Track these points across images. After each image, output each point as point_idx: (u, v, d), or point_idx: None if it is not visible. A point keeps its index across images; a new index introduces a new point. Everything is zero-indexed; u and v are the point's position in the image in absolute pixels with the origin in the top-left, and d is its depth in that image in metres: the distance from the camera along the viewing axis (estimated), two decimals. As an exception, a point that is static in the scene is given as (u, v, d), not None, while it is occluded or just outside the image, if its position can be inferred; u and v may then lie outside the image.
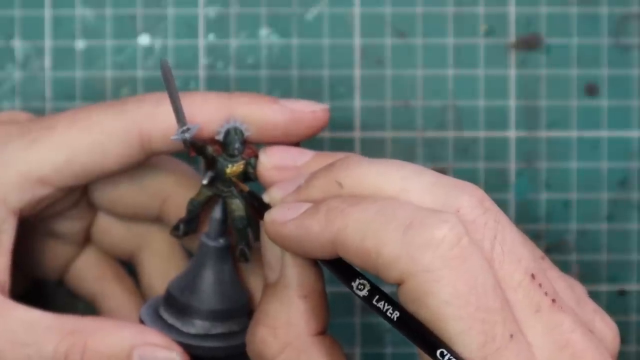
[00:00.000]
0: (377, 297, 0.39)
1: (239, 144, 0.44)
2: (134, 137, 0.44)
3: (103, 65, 0.54)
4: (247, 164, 0.44)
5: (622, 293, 0.54)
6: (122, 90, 0.53)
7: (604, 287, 0.54)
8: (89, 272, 0.51)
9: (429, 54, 0.54)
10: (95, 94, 0.53)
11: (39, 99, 0.54)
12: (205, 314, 0.45)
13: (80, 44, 0.54)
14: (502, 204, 0.54)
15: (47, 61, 0.53)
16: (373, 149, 0.54)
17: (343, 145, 0.54)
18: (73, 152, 0.44)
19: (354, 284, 0.39)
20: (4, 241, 0.44)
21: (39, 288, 0.54)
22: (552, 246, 0.54)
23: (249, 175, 0.45)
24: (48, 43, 0.53)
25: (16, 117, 0.49)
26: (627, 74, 0.54)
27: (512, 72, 0.54)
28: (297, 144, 0.45)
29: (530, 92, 0.54)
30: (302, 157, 0.44)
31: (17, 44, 0.53)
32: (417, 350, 0.38)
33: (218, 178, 0.45)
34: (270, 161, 0.44)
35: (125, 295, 0.51)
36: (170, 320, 0.45)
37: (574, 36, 0.54)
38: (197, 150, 0.44)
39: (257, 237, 0.45)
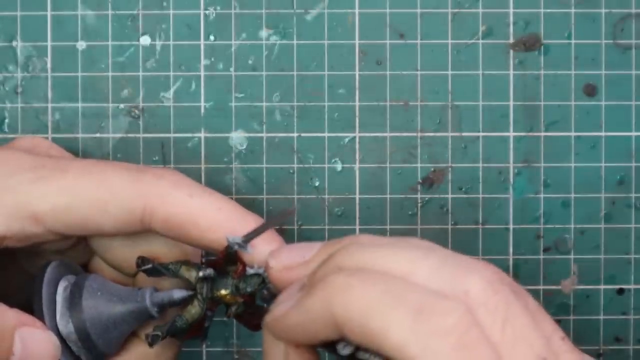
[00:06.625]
0: (360, 350, 0.39)
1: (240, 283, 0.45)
2: (138, 208, 0.44)
3: (104, 66, 0.54)
4: (237, 286, 0.45)
5: (621, 292, 0.54)
6: (123, 91, 0.54)
7: (602, 287, 0.54)
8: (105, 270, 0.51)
9: (428, 54, 0.54)
10: (96, 95, 0.54)
11: (41, 100, 0.54)
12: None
13: (81, 45, 0.54)
14: (501, 204, 0.54)
15: (49, 62, 0.54)
16: (373, 149, 0.54)
17: (342, 145, 0.54)
18: (75, 200, 0.44)
19: (339, 346, 0.40)
20: None
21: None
22: (551, 246, 0.54)
23: (240, 292, 0.45)
24: (49, 44, 0.54)
25: (38, 144, 0.48)
26: (626, 75, 0.54)
27: (511, 73, 0.54)
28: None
29: (529, 92, 0.54)
30: (310, 250, 0.43)
31: (19, 45, 0.54)
32: None
33: (210, 290, 0.45)
34: (279, 263, 0.43)
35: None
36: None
37: (572, 37, 0.54)
38: (223, 264, 0.45)
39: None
